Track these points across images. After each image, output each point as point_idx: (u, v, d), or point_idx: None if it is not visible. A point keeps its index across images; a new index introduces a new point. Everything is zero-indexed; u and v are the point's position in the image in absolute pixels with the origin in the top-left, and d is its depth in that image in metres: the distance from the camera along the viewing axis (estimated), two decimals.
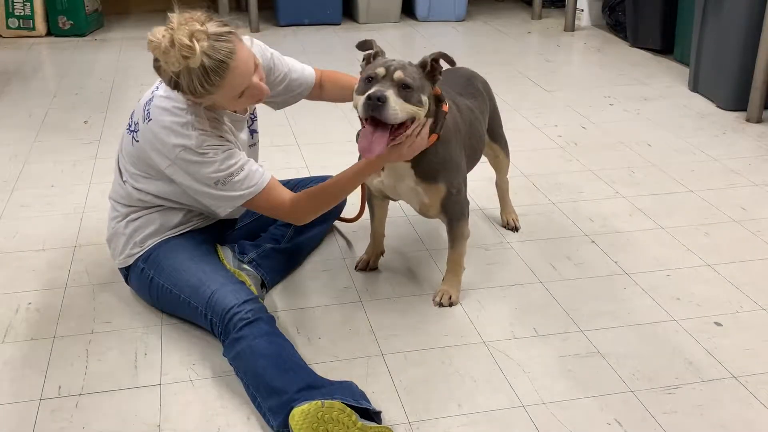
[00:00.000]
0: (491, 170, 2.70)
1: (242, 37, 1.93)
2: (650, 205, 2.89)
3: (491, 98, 2.54)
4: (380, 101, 1.86)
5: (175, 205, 2.13)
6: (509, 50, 5.09)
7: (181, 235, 2.16)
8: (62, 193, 2.98)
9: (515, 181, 2.94)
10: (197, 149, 1.94)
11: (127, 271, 2.20)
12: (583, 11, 5.63)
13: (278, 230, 2.41)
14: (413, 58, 2.06)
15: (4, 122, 3.73)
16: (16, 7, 5.20)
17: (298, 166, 3.21)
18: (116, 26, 5.64)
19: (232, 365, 1.91)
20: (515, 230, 2.69)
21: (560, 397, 1.88)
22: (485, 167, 2.67)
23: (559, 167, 3.24)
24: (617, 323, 2.17)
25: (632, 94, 4.18)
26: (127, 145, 2.11)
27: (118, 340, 2.10)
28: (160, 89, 2.02)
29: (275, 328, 1.94)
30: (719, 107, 3.92)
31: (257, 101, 2.03)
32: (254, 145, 2.27)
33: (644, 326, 2.16)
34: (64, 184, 3.06)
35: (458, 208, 2.19)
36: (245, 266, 2.25)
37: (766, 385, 1.93)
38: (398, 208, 2.77)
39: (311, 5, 5.58)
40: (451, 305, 2.25)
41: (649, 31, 4.87)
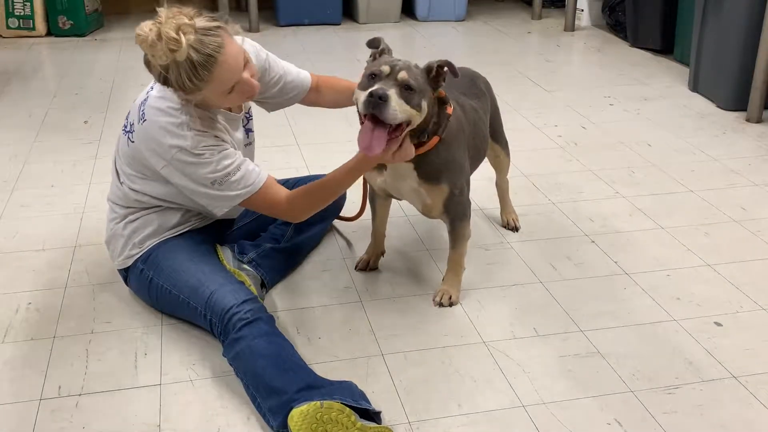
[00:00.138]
0: (491, 170, 2.70)
1: (233, 34, 1.92)
2: (650, 205, 2.89)
3: (493, 98, 2.54)
4: (382, 99, 1.85)
5: (172, 205, 2.13)
6: (509, 50, 5.09)
7: (180, 235, 2.15)
8: (62, 193, 2.98)
9: (515, 181, 2.94)
10: (193, 150, 1.93)
11: (126, 272, 2.20)
12: (583, 11, 5.62)
13: (278, 230, 2.41)
14: (413, 58, 2.06)
15: (4, 122, 3.73)
16: (16, 7, 5.20)
17: (298, 166, 3.21)
18: (116, 26, 5.64)
19: (231, 365, 1.91)
20: (515, 230, 2.69)
21: (560, 397, 1.88)
22: (485, 167, 2.67)
23: (559, 167, 3.24)
24: (617, 323, 2.17)
25: (632, 94, 4.18)
26: (122, 146, 2.10)
27: (118, 340, 2.10)
28: (154, 89, 2.01)
29: (275, 328, 1.94)
30: (719, 107, 3.92)
31: (248, 98, 2.02)
32: (250, 144, 2.27)
33: (644, 326, 2.16)
34: (64, 184, 3.06)
35: (460, 208, 2.19)
36: (245, 266, 2.24)
37: (766, 385, 1.93)
38: (399, 208, 2.77)
39: (311, 5, 5.58)
40: (451, 305, 2.25)
41: (649, 31, 4.86)
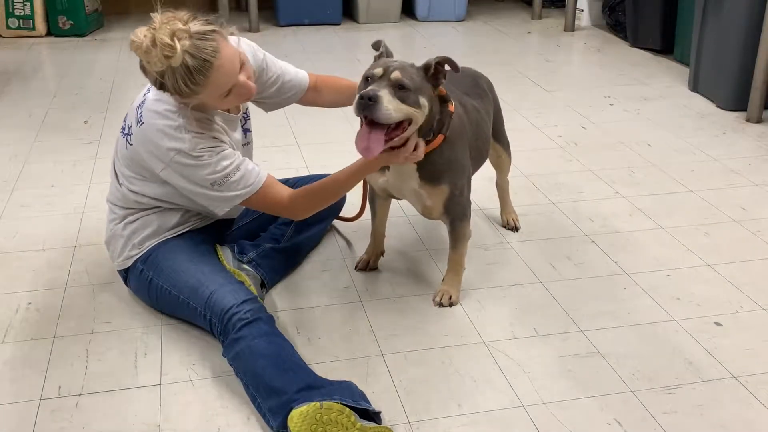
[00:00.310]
0: (492, 170, 2.70)
1: (229, 36, 1.92)
2: (650, 205, 2.89)
3: (495, 99, 2.54)
4: (371, 101, 1.85)
5: (171, 206, 2.13)
6: (509, 50, 5.09)
7: (179, 235, 2.15)
8: (62, 193, 2.98)
9: (515, 181, 2.94)
10: (191, 152, 1.93)
11: (126, 272, 2.20)
12: (583, 11, 5.62)
13: (278, 230, 2.41)
14: (413, 58, 2.06)
15: (4, 122, 3.73)
16: (16, 7, 5.20)
17: (298, 166, 3.21)
18: (116, 26, 5.63)
19: (231, 365, 1.90)
20: (515, 230, 2.69)
21: (560, 397, 1.88)
22: (486, 167, 2.66)
23: (559, 167, 3.24)
24: (617, 323, 2.17)
25: (632, 94, 4.18)
26: (121, 148, 2.10)
27: (118, 340, 2.10)
28: (151, 92, 2.01)
29: (274, 328, 1.93)
30: (719, 107, 3.92)
31: (245, 100, 2.02)
32: (248, 144, 2.26)
33: (644, 326, 2.16)
34: (64, 184, 3.06)
35: (460, 209, 2.19)
36: (245, 266, 2.24)
37: (766, 385, 1.93)
38: (399, 208, 2.77)
39: (311, 5, 5.58)
40: (451, 305, 2.25)
41: (649, 31, 4.86)
